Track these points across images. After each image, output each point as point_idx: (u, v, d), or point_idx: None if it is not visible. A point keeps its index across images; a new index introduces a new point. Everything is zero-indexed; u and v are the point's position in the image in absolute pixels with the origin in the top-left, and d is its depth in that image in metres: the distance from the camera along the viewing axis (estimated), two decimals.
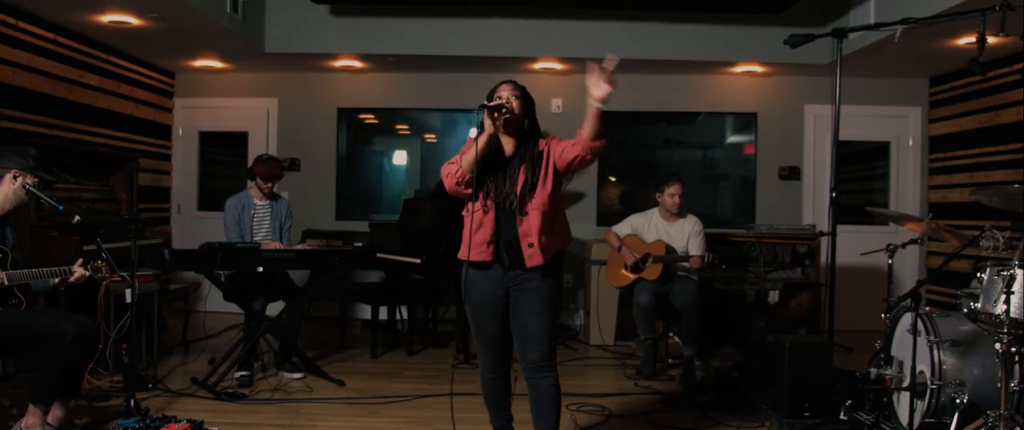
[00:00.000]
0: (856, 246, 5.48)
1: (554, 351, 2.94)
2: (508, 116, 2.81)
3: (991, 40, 3.36)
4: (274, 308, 4.70)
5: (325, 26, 6.09)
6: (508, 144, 2.92)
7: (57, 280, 3.37)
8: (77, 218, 3.37)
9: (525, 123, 2.91)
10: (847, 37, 3.96)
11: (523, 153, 2.87)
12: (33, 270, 3.29)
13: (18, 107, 4.86)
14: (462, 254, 2.90)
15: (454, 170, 2.82)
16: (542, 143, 2.90)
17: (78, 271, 3.39)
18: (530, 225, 2.82)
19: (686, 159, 7.29)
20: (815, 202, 6.75)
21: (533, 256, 2.83)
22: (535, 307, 2.86)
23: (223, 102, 7.06)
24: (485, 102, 2.81)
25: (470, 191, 2.83)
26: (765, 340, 5.57)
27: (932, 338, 3.24)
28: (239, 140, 7.05)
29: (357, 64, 6.59)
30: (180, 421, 3.45)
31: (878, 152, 6.84)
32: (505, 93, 2.87)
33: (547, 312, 2.87)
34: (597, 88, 2.61)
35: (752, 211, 6.82)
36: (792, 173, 6.77)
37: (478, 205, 2.84)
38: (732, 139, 7.18)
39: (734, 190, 7.19)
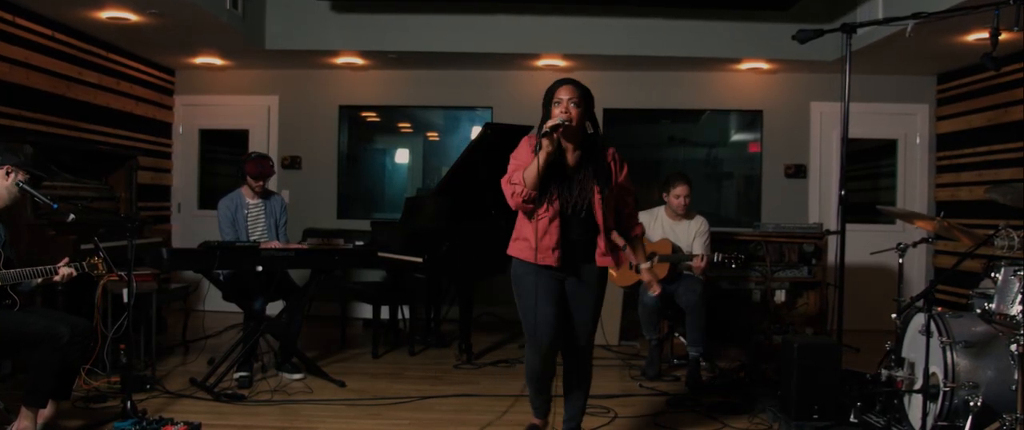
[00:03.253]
0: (863, 245, 5.41)
1: (594, 337, 3.22)
2: (567, 126, 2.85)
3: (1004, 35, 3.29)
4: (274, 308, 4.65)
5: (326, 22, 6.03)
6: (569, 148, 2.97)
7: (40, 280, 3.28)
8: (71, 216, 3.31)
9: (587, 127, 2.96)
10: (856, 32, 3.88)
11: (592, 166, 2.95)
12: (15, 270, 3.22)
13: (16, 104, 4.81)
14: (525, 256, 3.02)
15: (519, 190, 2.89)
16: (608, 154, 3.00)
17: (63, 271, 3.30)
18: (600, 229, 2.99)
19: (690, 157, 7.22)
20: (821, 200, 6.68)
21: (605, 258, 3.02)
22: (589, 301, 3.08)
23: (224, 100, 7.01)
24: (546, 126, 2.81)
25: (532, 206, 2.95)
26: (771, 340, 5.50)
27: (945, 339, 3.17)
28: (240, 138, 7.00)
29: (359, 61, 6.53)
30: (177, 423, 3.39)
31: (885, 150, 6.77)
32: (565, 98, 2.88)
33: (598, 305, 3.13)
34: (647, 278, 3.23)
35: (757, 210, 6.76)
36: (798, 171, 6.70)
37: (543, 211, 2.94)
38: (737, 137, 7.12)
39: (739, 189, 7.13)
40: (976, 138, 5.92)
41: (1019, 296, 2.76)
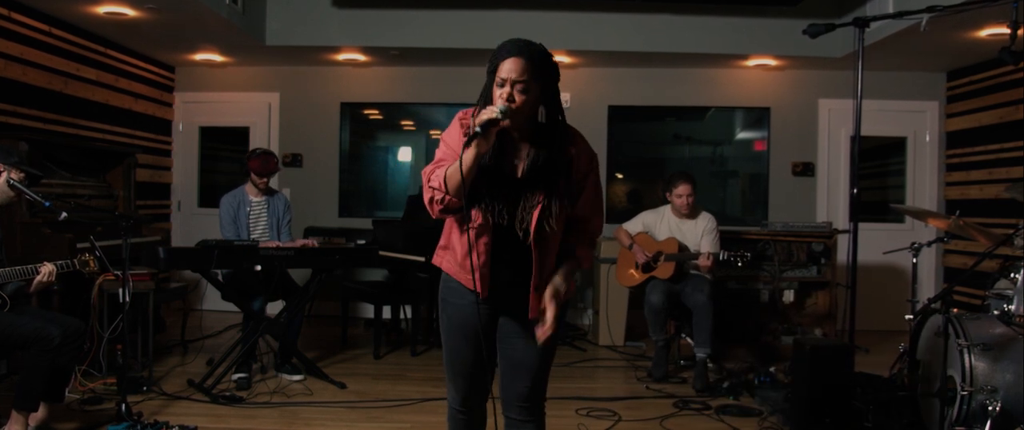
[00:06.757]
0: (871, 244, 5.31)
1: (544, 395, 2.28)
2: (512, 117, 1.99)
3: (1022, 30, 3.20)
4: (274, 307, 4.57)
5: (327, 18, 5.95)
6: (514, 141, 2.12)
7: (21, 282, 3.19)
8: (63, 214, 3.23)
9: (541, 113, 2.03)
10: (869, 26, 3.79)
11: (543, 162, 2.06)
12: (3, 269, 3.14)
13: (12, 101, 4.73)
14: (446, 266, 2.25)
15: (437, 195, 2.05)
16: (571, 149, 2.09)
17: (44, 269, 3.20)
18: (543, 262, 2.10)
19: (696, 155, 7.13)
20: (829, 199, 6.58)
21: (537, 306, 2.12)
22: (531, 348, 2.16)
23: (224, 97, 6.94)
24: (477, 120, 1.96)
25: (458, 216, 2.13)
26: (780, 341, 5.42)
27: (962, 341, 3.08)
28: (240, 135, 6.92)
29: (360, 57, 6.45)
30: (173, 427, 3.32)
31: (894, 148, 6.67)
32: (508, 79, 1.99)
33: (546, 354, 2.20)
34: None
35: (764, 208, 6.67)
36: (806, 169, 6.61)
37: (475, 221, 2.09)
38: (743, 135, 7.02)
39: (744, 187, 7.04)
40: (986, 136, 5.83)
41: None
